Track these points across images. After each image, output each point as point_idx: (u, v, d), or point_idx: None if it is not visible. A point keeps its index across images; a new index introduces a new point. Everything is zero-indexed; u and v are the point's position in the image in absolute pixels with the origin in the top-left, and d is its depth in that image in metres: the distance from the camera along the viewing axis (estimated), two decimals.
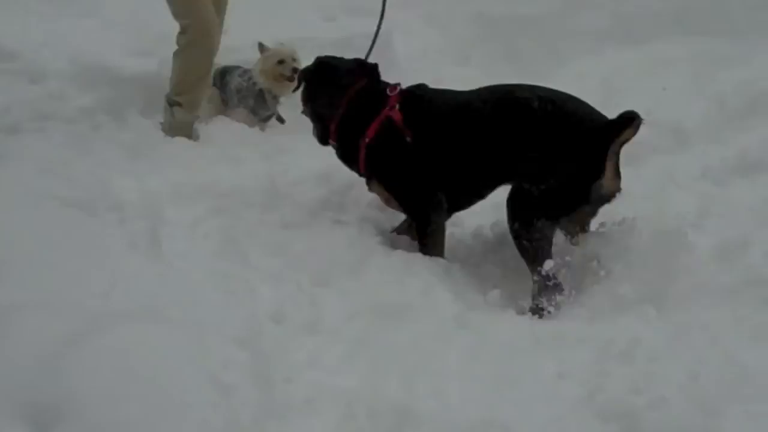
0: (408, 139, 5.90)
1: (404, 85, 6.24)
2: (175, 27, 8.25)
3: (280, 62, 7.71)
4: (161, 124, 7.31)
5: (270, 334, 4.56)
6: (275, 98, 8.00)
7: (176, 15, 7.42)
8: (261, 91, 7.83)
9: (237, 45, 7.65)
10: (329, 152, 6.24)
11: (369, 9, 7.37)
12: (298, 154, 6.61)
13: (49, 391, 3.54)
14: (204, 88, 7.60)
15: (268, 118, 8.12)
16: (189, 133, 7.23)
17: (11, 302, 4.02)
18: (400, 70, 8.51)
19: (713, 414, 4.06)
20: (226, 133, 6.93)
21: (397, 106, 6.06)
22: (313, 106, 6.41)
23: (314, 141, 6.32)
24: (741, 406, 4.12)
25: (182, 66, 7.32)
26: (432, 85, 6.17)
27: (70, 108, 7.12)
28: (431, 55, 9.57)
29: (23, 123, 6.75)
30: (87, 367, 3.69)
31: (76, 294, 4.35)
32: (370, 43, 6.93)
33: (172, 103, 7.28)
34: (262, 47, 7.95)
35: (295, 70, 7.61)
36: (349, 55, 6.54)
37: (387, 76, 6.13)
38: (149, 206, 5.59)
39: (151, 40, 8.16)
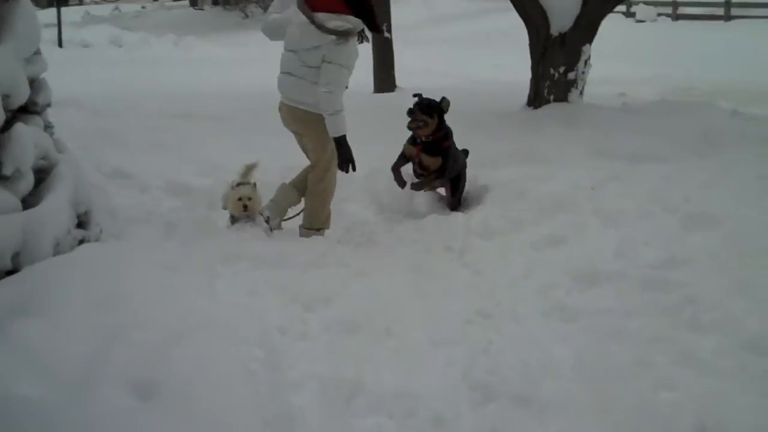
0: None
1: None
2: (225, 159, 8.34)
3: (239, 199, 6.67)
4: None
5: (278, 341, 4.58)
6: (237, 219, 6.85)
7: (318, 165, 6.52)
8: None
9: None
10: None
11: None
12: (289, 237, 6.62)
13: (150, 373, 3.57)
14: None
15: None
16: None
17: (126, 323, 4.03)
18: None
19: (535, 384, 4.12)
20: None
21: None
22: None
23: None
24: (552, 378, 4.19)
25: (322, 205, 6.65)
26: None
27: (163, 207, 7.15)
28: None
29: (136, 216, 6.78)
30: (173, 359, 3.73)
31: (166, 317, 4.37)
32: None
33: (318, 230, 6.68)
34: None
35: (245, 207, 6.65)
36: None
37: None
38: (209, 265, 5.61)
39: (209, 167, 8.20)
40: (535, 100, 11.54)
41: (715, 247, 5.64)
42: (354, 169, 6.30)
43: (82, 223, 5.57)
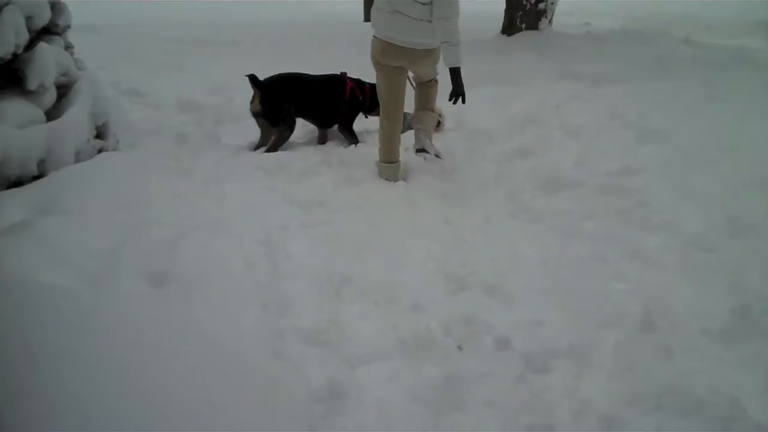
0: None
1: None
2: (231, 80, 8.24)
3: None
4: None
5: (278, 236, 4.58)
6: None
7: (378, 94, 5.88)
8: None
9: None
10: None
11: None
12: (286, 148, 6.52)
13: (162, 265, 3.56)
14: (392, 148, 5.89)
15: None
16: (395, 176, 5.78)
17: (141, 221, 4.02)
18: None
19: (503, 276, 4.14)
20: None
21: None
22: None
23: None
24: (519, 271, 4.22)
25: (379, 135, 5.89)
26: None
27: (174, 122, 7.05)
28: None
29: (150, 129, 6.69)
30: (183, 252, 3.73)
31: (177, 216, 4.36)
32: None
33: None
34: None
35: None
36: None
37: None
38: (217, 171, 5.60)
39: (217, 86, 8.10)
40: (509, 28, 11.45)
41: (665, 159, 5.63)
42: (464, 101, 5.58)
43: (100, 134, 5.52)
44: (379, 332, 3.60)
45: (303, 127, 6.79)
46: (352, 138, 6.68)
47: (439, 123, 6.59)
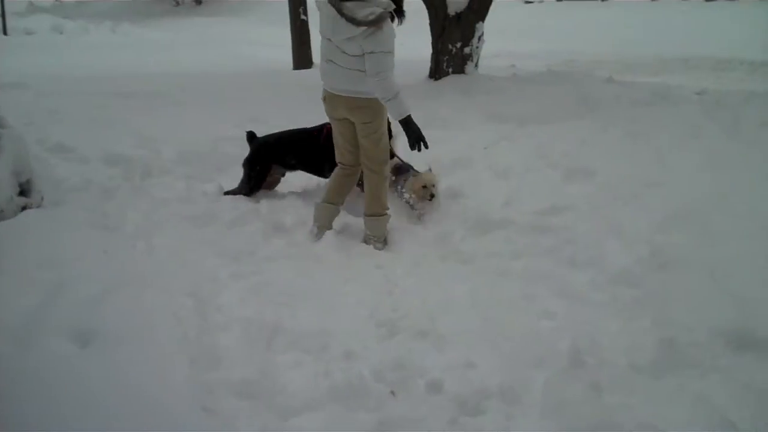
0: None
1: None
2: (158, 131, 8.18)
3: (424, 187, 5.93)
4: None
5: (207, 288, 4.49)
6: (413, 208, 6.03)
7: (379, 153, 5.49)
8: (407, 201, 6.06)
9: None
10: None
11: None
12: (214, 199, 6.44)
13: (87, 323, 3.56)
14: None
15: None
16: (321, 219, 5.64)
17: (66, 279, 3.99)
18: None
19: (434, 319, 4.18)
20: None
21: None
22: None
23: None
24: (450, 313, 4.26)
25: (385, 185, 5.59)
26: None
27: (102, 176, 6.90)
28: None
29: (77, 185, 6.54)
30: (109, 308, 3.73)
31: (104, 272, 4.31)
32: None
33: (384, 213, 5.60)
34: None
35: (432, 195, 5.90)
36: None
37: None
38: (146, 224, 5.52)
39: (144, 139, 7.99)
40: (436, 72, 11.61)
41: (591, 196, 5.77)
42: (426, 146, 5.21)
43: (24, 191, 5.44)
44: (312, 381, 3.58)
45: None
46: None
47: (431, 196, 5.98)
